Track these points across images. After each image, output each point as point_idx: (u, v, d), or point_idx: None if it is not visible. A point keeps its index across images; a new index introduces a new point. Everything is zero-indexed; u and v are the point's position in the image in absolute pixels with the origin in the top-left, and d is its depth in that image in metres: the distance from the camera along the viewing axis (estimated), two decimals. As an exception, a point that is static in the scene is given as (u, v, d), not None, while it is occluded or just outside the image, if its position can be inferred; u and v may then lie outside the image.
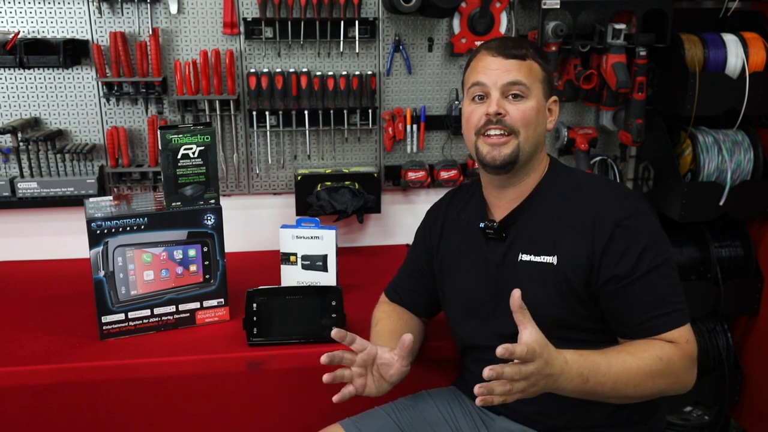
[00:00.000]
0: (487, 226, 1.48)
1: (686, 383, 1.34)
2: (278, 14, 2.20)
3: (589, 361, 1.24)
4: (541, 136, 1.44)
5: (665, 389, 1.32)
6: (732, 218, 2.37)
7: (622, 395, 1.29)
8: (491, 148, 1.41)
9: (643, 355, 1.28)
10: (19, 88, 2.19)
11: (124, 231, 1.70)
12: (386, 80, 2.34)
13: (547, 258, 1.39)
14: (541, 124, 1.43)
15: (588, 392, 1.26)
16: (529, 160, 1.43)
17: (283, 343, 1.70)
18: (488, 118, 1.40)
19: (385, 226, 2.49)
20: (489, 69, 1.41)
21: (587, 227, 1.36)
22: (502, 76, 1.39)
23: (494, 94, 1.40)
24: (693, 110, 2.18)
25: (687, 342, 1.31)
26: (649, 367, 1.27)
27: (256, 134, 2.32)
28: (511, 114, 1.39)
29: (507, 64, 1.40)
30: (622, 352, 1.29)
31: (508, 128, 1.39)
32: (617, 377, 1.26)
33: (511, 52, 1.40)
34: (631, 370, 1.26)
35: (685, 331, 1.32)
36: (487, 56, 1.42)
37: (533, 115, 1.40)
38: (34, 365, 1.62)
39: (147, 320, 1.77)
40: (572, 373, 1.22)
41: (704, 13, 2.38)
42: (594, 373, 1.24)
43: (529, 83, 1.40)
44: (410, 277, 1.68)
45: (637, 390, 1.28)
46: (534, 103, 1.41)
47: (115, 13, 2.18)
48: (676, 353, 1.30)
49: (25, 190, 2.19)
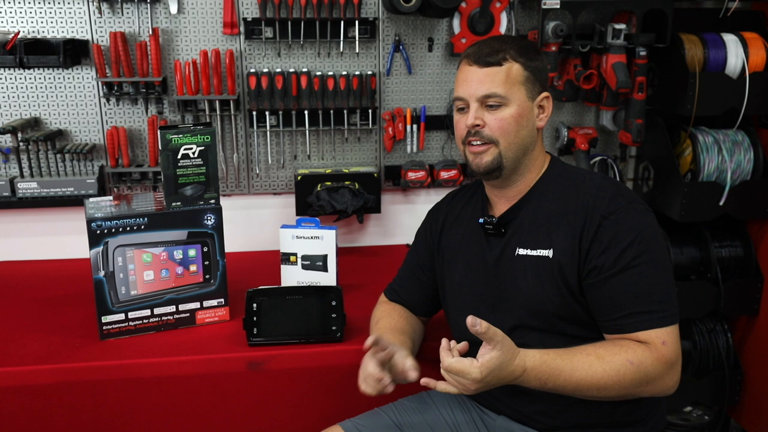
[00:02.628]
0: (487, 222, 1.48)
1: (663, 387, 1.33)
2: (278, 14, 2.20)
3: (550, 367, 1.28)
4: (527, 138, 1.43)
5: (635, 392, 1.31)
6: (732, 218, 2.37)
7: (586, 396, 1.31)
8: (474, 156, 1.44)
9: (613, 359, 1.29)
10: (19, 88, 2.19)
11: (124, 231, 1.70)
12: (386, 80, 2.34)
13: (543, 252, 1.40)
14: (525, 127, 1.42)
15: (550, 391, 1.31)
16: (517, 164, 1.44)
17: (283, 343, 1.71)
18: (468, 129, 1.42)
19: (385, 226, 2.49)
20: (466, 81, 1.43)
21: (579, 221, 1.37)
22: (478, 88, 1.40)
23: (472, 106, 1.42)
24: (693, 110, 2.18)
25: (663, 344, 1.30)
26: (616, 371, 1.28)
27: (256, 134, 2.32)
28: (489, 124, 1.41)
29: (481, 74, 1.40)
30: (591, 356, 1.30)
31: (486, 138, 1.41)
32: (579, 382, 1.28)
33: (485, 60, 1.40)
34: (596, 375, 1.28)
35: (664, 333, 1.30)
36: (465, 66, 1.44)
37: (512, 123, 1.40)
38: (34, 365, 1.62)
39: (147, 320, 1.77)
40: (529, 378, 1.28)
41: (704, 13, 2.38)
42: (554, 378, 1.28)
43: (505, 91, 1.39)
44: (410, 277, 1.68)
45: (602, 393, 1.29)
46: (514, 109, 1.40)
47: (115, 13, 2.18)
48: (649, 356, 1.29)
49: (25, 190, 2.19)
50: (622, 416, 1.41)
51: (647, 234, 1.34)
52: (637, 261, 1.32)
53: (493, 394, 1.52)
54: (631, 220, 1.35)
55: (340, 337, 1.72)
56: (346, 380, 1.71)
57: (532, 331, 1.41)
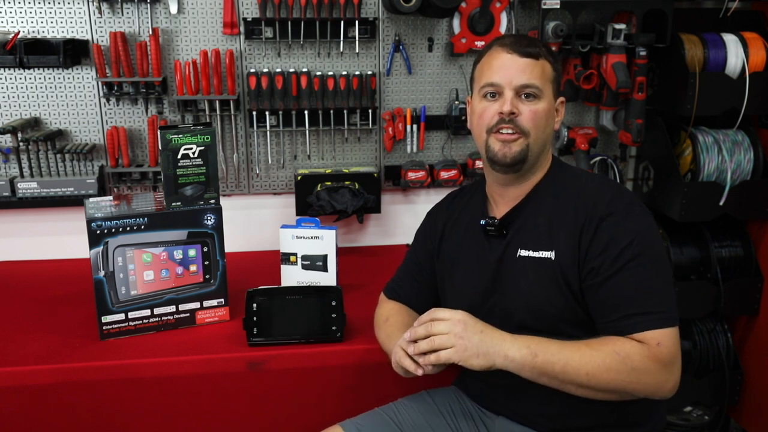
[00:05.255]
0: (488, 223, 1.48)
1: (655, 386, 1.30)
2: (278, 14, 2.20)
3: (539, 339, 1.31)
4: (549, 136, 1.45)
5: (625, 387, 1.29)
6: (732, 218, 2.37)
7: (574, 381, 1.28)
8: (502, 145, 1.41)
9: (600, 347, 1.28)
10: (19, 88, 2.19)
11: (124, 231, 1.70)
12: (386, 80, 2.34)
13: (545, 253, 1.40)
14: (549, 126, 1.44)
15: (538, 369, 1.28)
16: (536, 160, 1.44)
17: (283, 343, 1.71)
18: (501, 117, 1.40)
19: (385, 226, 2.49)
20: (504, 67, 1.40)
21: (579, 222, 1.37)
22: (517, 76, 1.39)
23: (508, 94, 1.40)
24: (693, 110, 2.18)
25: (658, 345, 1.28)
26: (602, 359, 1.27)
27: (256, 134, 2.32)
28: (524, 114, 1.39)
29: (522, 63, 1.39)
30: (579, 342, 1.30)
31: (519, 128, 1.40)
32: (568, 360, 1.27)
33: (526, 50, 1.40)
34: (584, 357, 1.27)
35: (660, 334, 1.28)
36: (501, 53, 1.41)
37: (544, 117, 1.41)
38: (34, 365, 1.62)
39: (147, 320, 1.77)
40: (519, 342, 1.30)
41: (704, 13, 2.38)
42: (543, 350, 1.28)
43: (541, 84, 1.40)
44: (410, 278, 1.68)
45: (591, 379, 1.27)
46: (545, 104, 1.41)
47: (115, 13, 2.18)
48: (639, 352, 1.27)
49: (25, 190, 2.19)
50: (622, 417, 1.41)
51: (645, 236, 1.34)
52: (635, 263, 1.31)
53: (492, 396, 1.52)
54: (630, 223, 1.34)
55: (340, 337, 1.71)
56: (347, 380, 1.72)
57: (534, 332, 1.40)
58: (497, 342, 1.30)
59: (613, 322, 1.32)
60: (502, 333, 1.32)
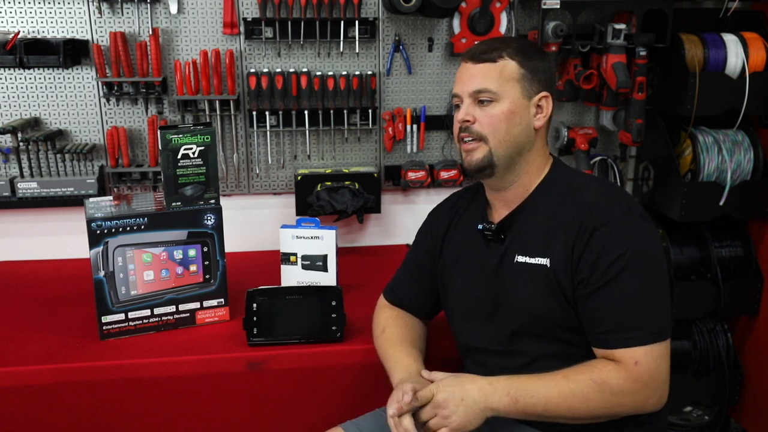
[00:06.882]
0: (486, 228, 1.48)
1: (637, 406, 1.30)
2: (278, 14, 2.20)
3: (517, 382, 1.30)
4: (520, 136, 1.41)
5: (606, 411, 1.30)
6: (732, 218, 2.37)
7: (560, 416, 1.29)
8: (466, 153, 1.44)
9: (577, 377, 1.28)
10: (19, 88, 2.19)
11: (124, 231, 1.70)
12: (386, 80, 2.34)
13: (541, 260, 1.39)
14: (517, 125, 1.40)
15: (523, 413, 1.30)
16: (510, 163, 1.42)
17: (283, 343, 1.71)
18: (460, 126, 1.43)
19: (385, 226, 2.49)
20: (461, 77, 1.44)
21: (573, 230, 1.35)
22: (470, 84, 1.41)
23: (465, 102, 1.42)
24: (693, 110, 2.18)
25: (636, 364, 1.27)
26: (580, 390, 1.27)
27: (256, 134, 2.32)
28: (479, 120, 1.40)
29: (475, 70, 1.41)
30: (557, 376, 1.30)
31: (475, 134, 1.41)
32: (548, 399, 1.28)
33: (480, 57, 1.41)
34: (562, 393, 1.28)
35: (640, 352, 1.27)
36: (462, 64, 1.46)
37: (502, 119, 1.39)
38: (34, 365, 1.62)
39: (147, 320, 1.77)
40: (499, 393, 1.29)
41: (704, 13, 2.38)
42: (522, 394, 1.29)
43: (497, 87, 1.39)
44: (410, 279, 1.67)
45: (573, 412, 1.28)
46: (505, 105, 1.39)
47: (115, 13, 2.18)
48: (615, 375, 1.27)
49: (25, 190, 2.19)
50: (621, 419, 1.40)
51: (640, 246, 1.32)
52: (625, 275, 1.29)
53: None
54: (624, 232, 1.32)
55: (340, 337, 1.71)
56: (346, 380, 1.72)
57: (532, 337, 1.40)
58: (479, 400, 1.29)
59: (598, 334, 1.32)
60: (481, 386, 1.31)
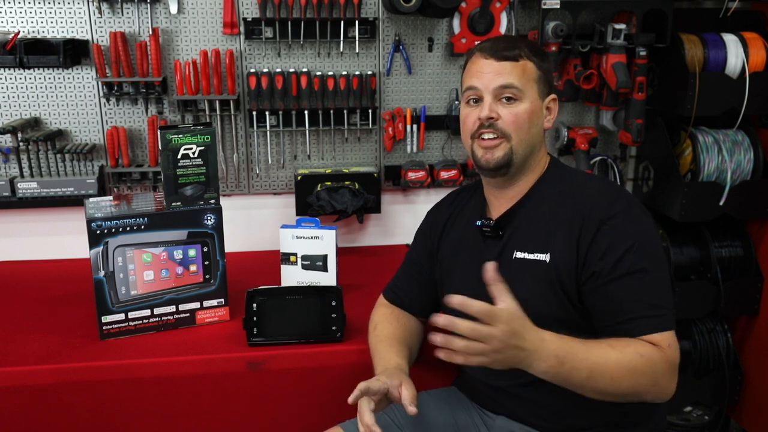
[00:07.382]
0: (484, 224, 1.48)
1: (665, 388, 1.31)
2: (278, 14, 2.20)
3: (567, 344, 1.23)
4: (536, 136, 1.44)
5: (642, 390, 1.29)
6: (732, 218, 2.37)
7: (597, 387, 1.26)
8: (485, 151, 1.42)
9: (624, 349, 1.26)
10: (19, 88, 2.19)
11: (124, 231, 1.70)
12: (386, 80, 2.34)
13: (540, 256, 1.40)
14: (536, 125, 1.43)
15: (563, 376, 1.23)
16: (525, 161, 1.44)
17: (283, 343, 1.71)
18: (481, 122, 1.41)
19: (385, 226, 2.49)
20: (481, 72, 1.42)
21: (577, 225, 1.36)
22: (494, 80, 1.40)
23: (487, 98, 1.41)
24: (693, 110, 2.18)
25: (669, 347, 1.29)
26: (628, 361, 1.25)
27: (256, 134, 2.32)
28: (504, 118, 1.40)
29: (499, 67, 1.40)
30: (603, 344, 1.28)
31: (500, 132, 1.41)
32: (594, 366, 1.24)
33: (502, 54, 1.40)
34: (610, 362, 1.25)
35: (668, 336, 1.29)
36: (480, 59, 1.43)
37: (526, 118, 1.40)
38: (34, 365, 1.62)
39: (147, 320, 1.77)
40: (547, 352, 1.20)
41: (704, 13, 2.38)
42: (570, 357, 1.22)
43: (521, 85, 1.40)
44: (409, 278, 1.68)
45: (614, 383, 1.25)
46: (527, 105, 1.41)
47: (115, 13, 2.18)
48: (658, 354, 1.27)
49: (25, 190, 2.19)
50: (623, 417, 1.41)
51: (645, 239, 1.34)
52: (637, 266, 1.31)
53: (492, 396, 1.52)
54: (630, 225, 1.34)
55: (340, 337, 1.72)
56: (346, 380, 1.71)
57: None
58: (529, 355, 1.19)
59: (617, 325, 1.32)
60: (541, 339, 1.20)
